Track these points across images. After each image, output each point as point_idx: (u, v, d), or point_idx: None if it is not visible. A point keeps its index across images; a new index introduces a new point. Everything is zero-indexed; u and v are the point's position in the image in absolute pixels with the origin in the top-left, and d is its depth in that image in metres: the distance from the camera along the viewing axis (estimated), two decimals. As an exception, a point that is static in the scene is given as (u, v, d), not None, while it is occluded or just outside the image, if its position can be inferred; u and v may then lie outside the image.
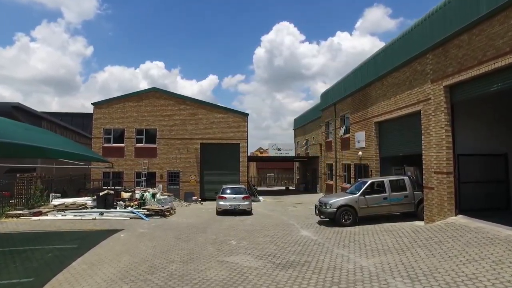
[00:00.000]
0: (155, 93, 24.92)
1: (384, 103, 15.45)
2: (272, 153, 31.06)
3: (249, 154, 29.71)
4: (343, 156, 21.18)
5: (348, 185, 20.34)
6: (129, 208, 16.62)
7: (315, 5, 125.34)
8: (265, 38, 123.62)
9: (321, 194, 27.99)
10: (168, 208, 16.85)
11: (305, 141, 36.35)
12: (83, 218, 14.63)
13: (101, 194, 16.89)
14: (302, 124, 37.62)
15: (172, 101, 24.88)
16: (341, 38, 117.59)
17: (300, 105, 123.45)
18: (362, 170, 18.23)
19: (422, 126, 12.12)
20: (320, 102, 26.97)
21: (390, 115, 14.82)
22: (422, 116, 12.16)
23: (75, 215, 14.98)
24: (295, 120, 42.77)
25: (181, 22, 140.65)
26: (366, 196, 12.98)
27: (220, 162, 24.77)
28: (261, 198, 25.76)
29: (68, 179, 23.46)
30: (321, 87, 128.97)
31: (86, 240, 10.50)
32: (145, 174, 23.84)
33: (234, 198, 16.88)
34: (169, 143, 24.55)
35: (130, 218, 15.04)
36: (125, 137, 24.38)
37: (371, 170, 16.83)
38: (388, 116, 15.09)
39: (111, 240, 10.56)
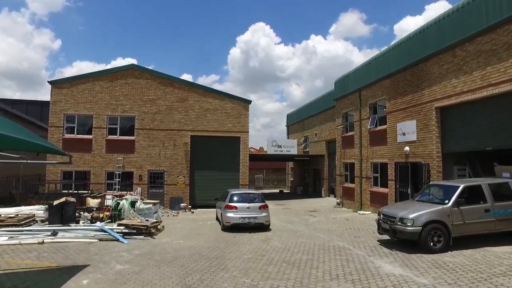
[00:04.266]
0: (134, 72, 19.64)
1: (458, 81, 11.45)
2: (271, 150, 26.58)
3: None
4: (374, 153, 17.09)
5: (382, 190, 16.30)
6: (98, 223, 11.53)
7: (291, 7, 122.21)
8: (241, 39, 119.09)
9: (330, 199, 23.93)
10: (155, 222, 11.94)
11: (303, 138, 32.21)
12: (23, 242, 9.39)
13: (55, 202, 11.65)
14: (300, 119, 33.42)
15: (156, 82, 19.74)
16: (316, 42, 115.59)
17: (274, 106, 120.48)
18: (409, 171, 14.20)
19: (552, 105, 8.20)
20: (333, 90, 22.76)
21: (472, 95, 10.83)
22: (550, 91, 8.25)
23: (11, 237, 9.72)
24: (288, 116, 38.52)
25: (156, 20, 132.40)
26: (461, 208, 8.85)
27: (215, 160, 19.95)
28: (263, 204, 21.17)
29: (14, 180, 17.74)
30: (295, 90, 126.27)
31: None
32: (119, 174, 18.62)
33: (248, 207, 12.32)
34: (151, 135, 19.43)
35: (100, 240, 10.04)
36: (94, 127, 18.96)
37: (429, 171, 12.81)
38: (465, 97, 11.11)
39: (64, 297, 5.65)
